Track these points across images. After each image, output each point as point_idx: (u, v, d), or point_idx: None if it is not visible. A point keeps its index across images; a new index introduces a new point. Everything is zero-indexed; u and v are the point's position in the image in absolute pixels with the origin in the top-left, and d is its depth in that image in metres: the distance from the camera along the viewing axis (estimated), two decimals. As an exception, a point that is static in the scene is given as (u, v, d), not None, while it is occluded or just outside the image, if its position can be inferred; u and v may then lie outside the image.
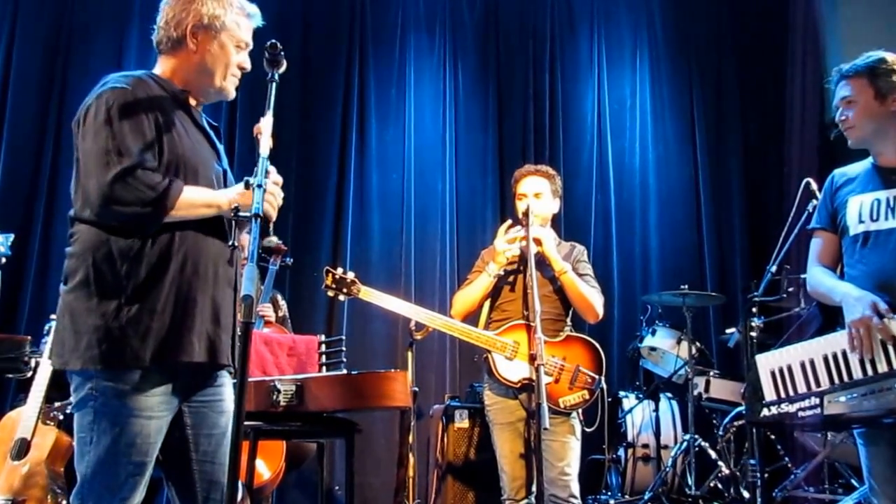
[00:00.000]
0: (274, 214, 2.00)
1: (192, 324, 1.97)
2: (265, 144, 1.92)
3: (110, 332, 1.89)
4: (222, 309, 2.05)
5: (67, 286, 1.97)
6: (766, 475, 4.14)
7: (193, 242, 2.00)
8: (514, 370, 3.27)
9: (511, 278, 3.45)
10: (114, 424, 1.91)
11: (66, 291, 1.97)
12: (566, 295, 3.39)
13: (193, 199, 1.97)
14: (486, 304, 3.49)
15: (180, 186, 1.95)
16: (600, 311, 3.42)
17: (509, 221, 3.49)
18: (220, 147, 2.25)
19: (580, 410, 3.33)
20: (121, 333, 1.89)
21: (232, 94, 2.20)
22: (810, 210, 3.13)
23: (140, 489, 1.96)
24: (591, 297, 3.38)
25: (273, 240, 2.07)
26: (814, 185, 3.18)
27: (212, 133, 2.21)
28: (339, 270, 3.27)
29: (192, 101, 2.17)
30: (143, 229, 1.93)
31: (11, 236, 3.60)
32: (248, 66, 2.18)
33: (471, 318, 3.49)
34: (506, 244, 3.36)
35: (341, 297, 3.27)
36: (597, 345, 3.39)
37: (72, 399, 2.00)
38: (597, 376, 3.31)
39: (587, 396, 3.29)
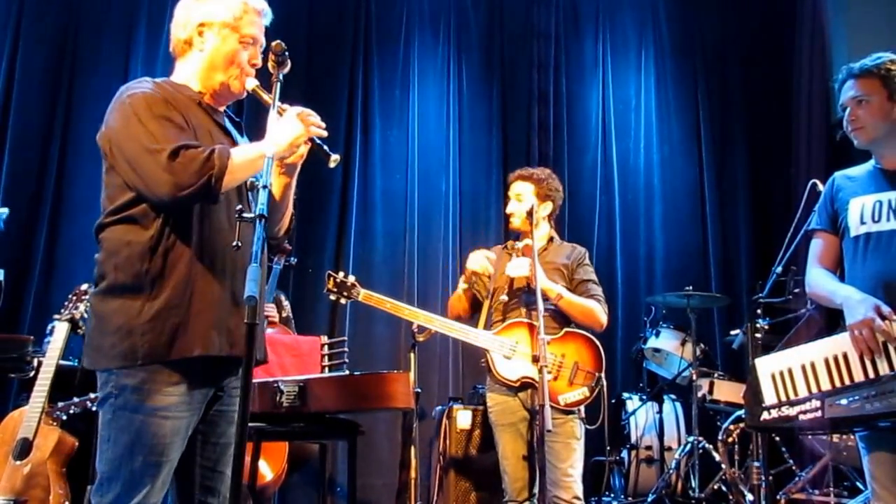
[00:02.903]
0: (319, 132, 2.06)
1: (211, 317, 1.98)
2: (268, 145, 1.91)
3: (133, 331, 1.93)
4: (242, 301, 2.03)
5: (95, 290, 2.03)
6: (770, 478, 4.12)
7: (210, 235, 2.01)
8: (512, 369, 3.27)
9: (512, 279, 3.45)
10: (130, 422, 1.93)
11: (93, 295, 2.04)
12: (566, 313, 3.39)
13: (244, 154, 1.98)
14: (486, 304, 3.49)
15: (227, 147, 1.98)
16: (604, 320, 3.41)
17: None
18: (244, 142, 2.26)
19: (582, 410, 3.32)
20: (142, 331, 1.93)
21: (243, 92, 2.20)
22: (815, 211, 3.12)
23: (157, 488, 1.96)
24: (593, 311, 3.37)
25: (336, 157, 2.11)
26: (820, 186, 3.16)
27: (234, 131, 2.23)
28: (341, 274, 3.29)
29: (210, 103, 2.18)
30: (214, 197, 1.96)
31: (6, 211, 3.59)
32: (258, 62, 2.17)
33: (473, 319, 3.50)
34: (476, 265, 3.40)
35: (343, 301, 3.28)
36: (596, 340, 3.38)
37: (98, 397, 2.04)
38: (596, 372, 3.30)
39: (587, 393, 3.28)
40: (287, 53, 2.05)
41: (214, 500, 2.08)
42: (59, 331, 3.53)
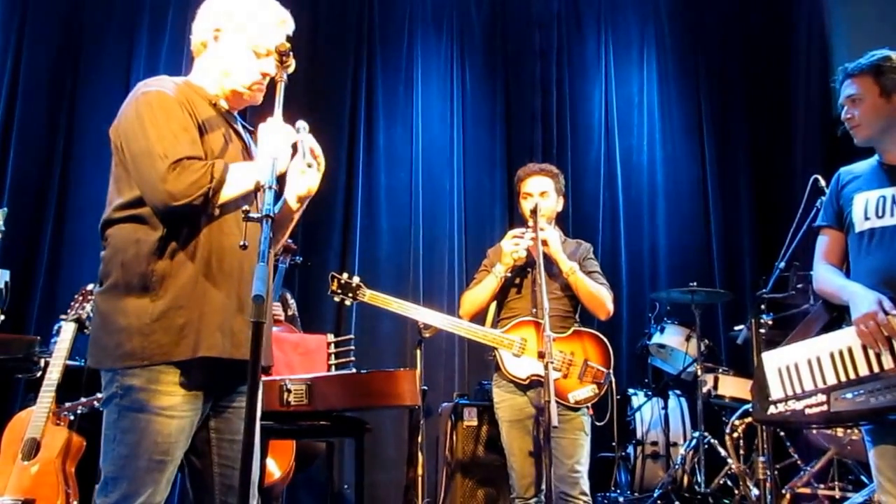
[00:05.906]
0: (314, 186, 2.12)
1: (216, 318, 1.97)
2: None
3: (139, 331, 1.92)
4: (248, 304, 2.01)
5: (100, 289, 2.01)
6: (775, 472, 4.13)
7: (218, 238, 2.00)
8: (522, 367, 3.27)
9: (518, 277, 3.45)
10: (136, 422, 1.92)
11: (98, 293, 2.01)
12: (575, 294, 3.40)
13: (238, 175, 1.96)
14: (494, 303, 3.50)
15: (224, 164, 1.96)
16: (611, 307, 3.42)
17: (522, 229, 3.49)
18: (255, 150, 2.22)
19: (590, 406, 3.33)
20: (148, 331, 1.92)
21: (258, 100, 2.19)
22: (818, 206, 3.12)
23: (162, 487, 1.96)
24: (600, 294, 3.38)
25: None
26: (822, 182, 3.17)
27: (246, 136, 2.23)
28: (345, 275, 3.26)
29: (224, 105, 2.17)
30: (205, 212, 1.96)
31: (5, 210, 3.60)
32: (272, 71, 2.13)
33: (479, 316, 3.50)
34: (512, 245, 3.37)
35: (347, 302, 3.27)
36: (604, 338, 3.39)
37: (102, 397, 2.02)
38: (605, 369, 3.31)
39: (597, 390, 3.29)
40: (291, 53, 2.03)
41: (234, 500, 2.05)
42: (66, 331, 3.54)
